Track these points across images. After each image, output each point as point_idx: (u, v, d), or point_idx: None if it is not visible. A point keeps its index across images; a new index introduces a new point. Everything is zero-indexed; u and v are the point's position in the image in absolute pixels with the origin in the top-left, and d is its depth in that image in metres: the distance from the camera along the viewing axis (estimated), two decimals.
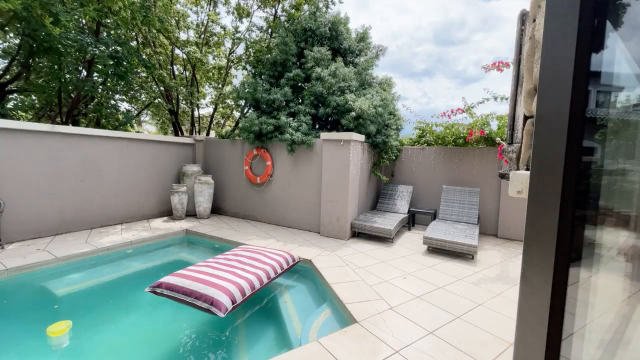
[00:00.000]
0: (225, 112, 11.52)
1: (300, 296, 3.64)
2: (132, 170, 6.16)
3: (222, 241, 5.13)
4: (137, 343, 2.69)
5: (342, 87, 5.86)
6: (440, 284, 3.54)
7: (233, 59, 9.35)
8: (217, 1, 9.02)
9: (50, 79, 6.49)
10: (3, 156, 4.41)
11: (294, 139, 5.51)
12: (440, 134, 6.50)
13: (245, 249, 3.66)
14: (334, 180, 5.33)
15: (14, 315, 3.10)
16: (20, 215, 4.60)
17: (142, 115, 13.71)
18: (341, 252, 4.56)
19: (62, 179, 5.10)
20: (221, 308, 2.30)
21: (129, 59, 6.67)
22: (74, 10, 5.51)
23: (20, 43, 6.07)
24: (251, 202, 6.64)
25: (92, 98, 7.54)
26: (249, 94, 6.39)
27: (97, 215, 5.59)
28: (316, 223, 5.71)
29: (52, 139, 4.95)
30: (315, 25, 6.69)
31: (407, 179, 6.89)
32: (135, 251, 4.77)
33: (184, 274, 2.73)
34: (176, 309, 2.94)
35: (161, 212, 6.75)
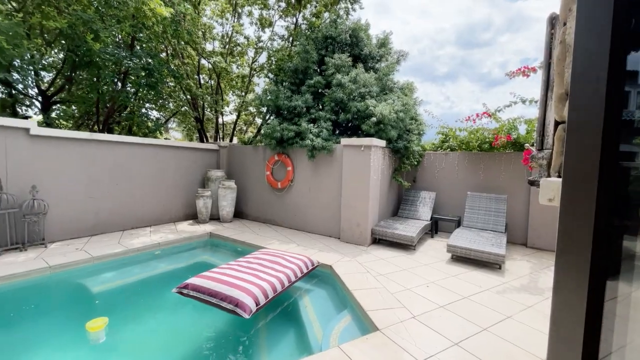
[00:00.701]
0: (247, 119, 11.85)
1: (321, 301, 3.64)
2: (160, 175, 6.47)
3: (244, 245, 5.25)
4: (165, 341, 2.80)
5: (363, 93, 5.87)
6: (465, 293, 3.42)
7: (255, 68, 9.64)
8: (241, 13, 9.36)
9: (90, 91, 6.99)
10: (48, 161, 4.79)
11: (314, 144, 5.57)
12: (465, 139, 6.32)
13: (265, 253, 3.72)
14: (354, 186, 5.31)
15: (56, 309, 3.33)
16: (62, 216, 4.96)
17: (169, 122, 14.40)
18: (362, 259, 4.53)
19: (99, 183, 5.45)
20: (246, 309, 2.36)
21: (160, 70, 7.07)
22: (112, 26, 5.93)
23: (64, 58, 6.61)
24: (272, 206, 6.76)
25: (125, 107, 8.03)
26: (271, 101, 6.55)
27: (128, 218, 5.91)
28: (336, 228, 5.71)
29: (90, 145, 5.31)
30: (336, 33, 6.78)
31: (429, 184, 6.74)
32: (163, 252, 4.98)
33: (209, 275, 2.82)
34: (200, 310, 3.04)
35: (187, 216, 7.02)
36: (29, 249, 4.43)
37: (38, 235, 4.58)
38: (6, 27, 4.60)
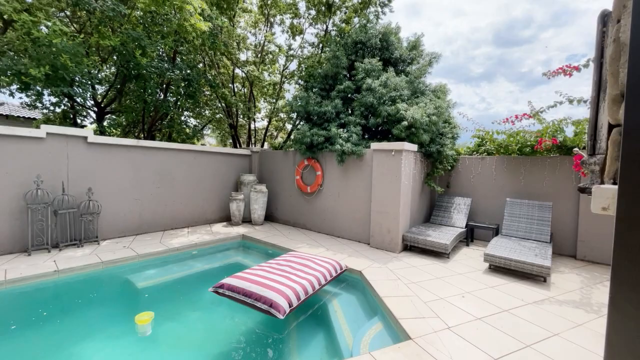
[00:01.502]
0: (278, 125, 12.18)
1: (350, 306, 3.63)
2: (197, 179, 6.85)
3: (275, 247, 5.38)
4: (202, 337, 2.95)
5: (394, 97, 5.80)
6: (505, 306, 3.22)
7: (286, 75, 9.90)
8: (273, 22, 9.71)
9: (137, 101, 7.61)
10: (101, 166, 5.29)
11: (344, 149, 5.59)
12: (503, 142, 5.98)
13: (294, 255, 3.79)
14: (384, 191, 5.24)
15: (108, 301, 3.64)
16: (112, 216, 5.42)
17: (205, 129, 15.22)
18: (392, 265, 4.44)
19: (143, 186, 5.90)
20: (280, 310, 2.42)
21: (198, 80, 7.53)
22: (157, 42, 6.44)
23: (116, 72, 7.28)
24: (302, 210, 6.86)
25: (167, 115, 8.63)
26: (301, 107, 6.69)
27: (168, 219, 6.32)
28: (366, 234, 5.65)
29: (136, 151, 5.78)
30: (366, 38, 6.78)
31: (464, 190, 6.45)
32: (199, 252, 5.25)
33: (243, 276, 2.94)
34: (234, 309, 3.16)
35: (221, 218, 7.35)
36: (84, 245, 4.90)
37: (92, 233, 5.06)
38: (70, 47, 5.18)
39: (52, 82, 5.46)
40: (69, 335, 2.85)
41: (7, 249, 4.35)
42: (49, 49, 5.15)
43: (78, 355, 2.56)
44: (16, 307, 3.32)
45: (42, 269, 3.79)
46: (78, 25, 7.15)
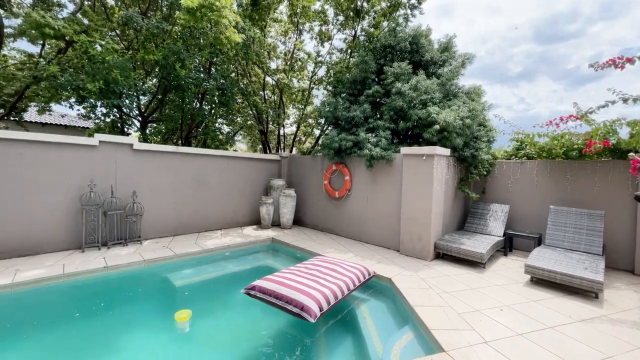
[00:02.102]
0: (306, 130, 12.36)
1: (380, 314, 3.56)
2: (229, 183, 7.13)
3: (303, 251, 5.43)
4: (234, 337, 3.05)
5: (424, 100, 5.66)
6: (549, 323, 2.98)
7: (315, 81, 10.05)
8: (302, 30, 9.93)
9: (176, 110, 8.13)
10: (144, 171, 5.69)
11: (372, 154, 5.54)
12: (545, 146, 5.59)
13: (322, 260, 3.80)
14: (415, 197, 5.11)
15: (149, 297, 3.89)
16: (153, 218, 5.81)
17: (237, 135, 15.84)
18: (424, 274, 4.29)
19: (181, 190, 6.26)
20: (311, 314, 2.45)
21: (231, 89, 7.88)
22: (195, 54, 6.86)
23: (158, 84, 7.84)
24: (330, 215, 6.87)
25: (202, 123, 9.11)
26: (329, 113, 6.75)
27: (203, 221, 6.63)
28: (395, 241, 5.53)
29: (174, 157, 6.15)
30: (395, 41, 6.71)
31: (501, 196, 6.10)
32: (232, 254, 5.45)
33: (274, 279, 3.00)
34: (264, 311, 3.22)
35: (252, 221, 7.57)
36: (129, 244, 5.29)
37: (136, 233, 5.44)
38: (120, 63, 5.69)
39: (104, 95, 6.01)
40: (115, 326, 3.08)
41: (65, 246, 4.81)
42: (103, 65, 5.68)
43: (122, 345, 2.76)
44: (72, 299, 3.66)
45: (93, 265, 4.15)
46: (126, 42, 7.82)
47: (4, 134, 4.25)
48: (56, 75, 5.98)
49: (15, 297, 3.42)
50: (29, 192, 4.48)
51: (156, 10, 7.73)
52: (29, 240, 4.49)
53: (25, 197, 4.45)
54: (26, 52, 8.18)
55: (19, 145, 4.38)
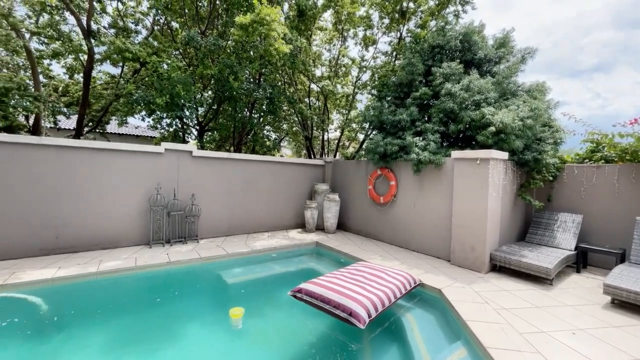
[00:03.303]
0: (350, 135, 12.37)
1: (428, 326, 3.39)
2: (276, 188, 7.43)
3: (347, 256, 5.41)
4: (281, 337, 3.15)
5: (478, 101, 5.31)
6: (636, 354, 2.55)
7: (359, 86, 10.04)
8: (346, 36, 10.02)
9: (229, 119, 8.76)
10: (201, 176, 6.21)
11: (420, 158, 5.33)
12: (630, 147, 4.83)
13: (366, 266, 3.74)
14: (467, 204, 4.78)
15: (203, 293, 4.21)
16: (208, 219, 6.29)
17: (282, 141, 16.47)
18: (478, 287, 3.98)
19: (232, 193, 6.69)
20: (360, 320, 2.43)
21: (278, 97, 8.25)
22: (246, 67, 7.34)
23: (213, 96, 8.54)
24: (374, 221, 6.75)
25: (251, 130, 9.66)
26: (374, 117, 6.68)
27: (251, 223, 7.00)
28: (445, 250, 5.22)
29: (227, 163, 6.61)
30: (444, 41, 6.42)
31: (572, 205, 5.40)
32: (278, 256, 5.65)
33: (319, 282, 3.04)
34: (309, 313, 3.27)
35: (296, 224, 7.78)
36: (188, 242, 5.80)
37: (193, 233, 5.95)
38: (183, 79, 6.34)
39: (169, 107, 6.74)
40: (175, 316, 3.39)
41: (136, 241, 5.46)
42: (169, 82, 6.39)
43: (181, 334, 3.03)
44: (141, 288, 4.13)
45: (158, 260, 4.63)
46: (188, 59, 8.69)
47: (93, 144, 5.00)
48: (132, 92, 6.88)
49: (98, 284, 3.96)
50: (110, 193, 5.19)
51: (213, 29, 8.47)
52: (109, 236, 5.19)
53: (106, 198, 5.15)
54: (109, 73, 9.55)
55: (104, 153, 5.11)
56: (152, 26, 8.48)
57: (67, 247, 4.80)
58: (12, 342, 2.71)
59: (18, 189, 4.44)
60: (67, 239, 4.81)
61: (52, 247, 4.69)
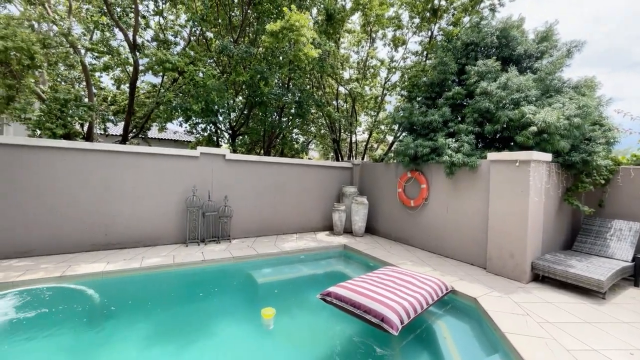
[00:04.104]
0: (378, 137, 12.20)
1: (463, 336, 3.23)
2: (304, 190, 7.52)
3: (376, 260, 5.33)
4: (310, 339, 3.18)
5: (516, 99, 5.00)
6: None
7: (388, 87, 9.89)
8: (375, 38, 9.93)
9: (259, 124, 9.03)
10: (233, 178, 6.46)
11: (453, 160, 5.13)
12: None
13: (395, 271, 3.65)
14: (506, 208, 4.51)
15: (235, 290, 4.37)
16: (240, 220, 6.52)
17: (310, 143, 16.64)
18: (518, 297, 3.73)
19: (262, 195, 6.88)
20: (392, 326, 2.39)
21: (307, 101, 8.36)
22: (276, 72, 7.54)
23: (245, 101, 8.86)
24: (404, 225, 6.59)
25: (280, 133, 9.87)
26: (404, 118, 6.54)
27: (280, 225, 7.13)
28: (481, 256, 4.96)
29: (258, 166, 6.81)
30: (479, 38, 6.13)
31: (628, 211, 4.89)
32: (306, 257, 5.71)
33: (349, 286, 3.02)
34: (337, 316, 3.26)
35: (324, 227, 7.80)
36: (221, 241, 6.05)
37: (226, 233, 6.19)
38: (217, 86, 6.66)
39: (205, 113, 7.10)
40: (209, 312, 3.55)
41: (174, 240, 5.79)
42: (204, 89, 6.74)
43: (214, 330, 3.17)
44: (178, 284, 4.38)
45: (194, 258, 4.88)
46: (221, 67, 9.10)
47: (138, 149, 5.40)
48: (171, 100, 7.35)
49: (141, 279, 4.26)
50: (152, 194, 5.56)
51: (244, 37, 8.80)
52: (150, 234, 5.56)
53: (149, 198, 5.53)
54: (151, 83, 10.27)
55: (147, 157, 5.50)
56: (189, 37, 9.00)
57: (114, 243, 5.22)
58: (71, 327, 2.99)
59: (75, 190, 4.92)
60: (114, 236, 5.23)
61: (101, 244, 5.12)
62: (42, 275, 3.84)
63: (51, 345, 2.74)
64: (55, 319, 3.11)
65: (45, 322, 3.05)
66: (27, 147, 4.60)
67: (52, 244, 4.77)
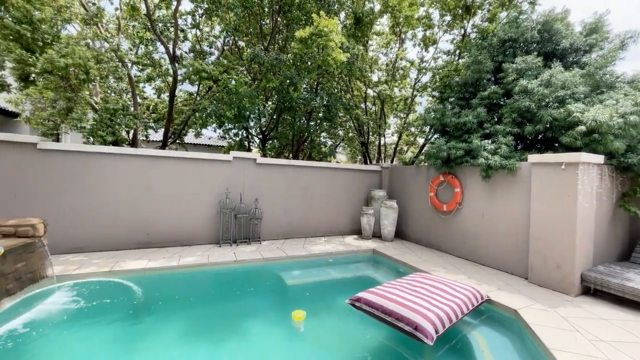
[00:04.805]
0: (407, 140, 11.93)
1: (502, 350, 3.04)
2: (333, 193, 7.53)
3: (407, 266, 5.18)
4: (340, 344, 3.16)
5: (561, 97, 4.65)
6: None
7: (418, 88, 9.64)
8: (404, 38, 9.75)
9: (288, 128, 9.21)
10: (264, 181, 6.63)
11: (489, 163, 4.87)
12: None
13: (427, 277, 3.52)
14: (551, 215, 4.19)
15: (265, 291, 4.46)
16: (269, 222, 6.67)
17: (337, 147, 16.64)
18: (565, 311, 3.44)
19: (291, 198, 6.99)
20: (427, 335, 2.31)
21: (335, 105, 8.40)
22: (304, 77, 7.66)
23: (275, 106, 9.10)
24: (436, 230, 6.35)
25: (308, 137, 9.99)
26: (435, 120, 6.33)
27: (308, 228, 7.19)
28: (521, 265, 4.64)
29: (287, 170, 6.94)
30: (518, 33, 5.80)
31: None
32: (334, 261, 5.70)
33: (379, 292, 2.97)
34: (366, 322, 3.21)
35: (352, 231, 7.75)
36: (251, 243, 6.23)
37: (256, 234, 6.37)
38: (249, 92, 6.92)
39: (237, 119, 7.39)
40: (240, 311, 3.66)
41: (208, 240, 6.06)
42: (236, 96, 7.02)
43: (245, 329, 3.26)
44: (212, 283, 4.57)
45: (227, 258, 5.07)
46: (252, 74, 9.44)
47: (177, 154, 5.76)
48: (206, 107, 7.74)
49: (178, 276, 4.51)
50: (189, 197, 5.88)
51: (274, 44, 9.06)
52: (187, 234, 5.87)
53: (186, 200, 5.85)
54: (188, 91, 10.91)
55: (184, 162, 5.84)
56: (222, 47, 9.45)
57: (155, 242, 5.58)
58: (118, 317, 3.25)
59: (121, 192, 5.34)
60: (154, 236, 5.59)
61: (143, 242, 5.50)
62: (94, 269, 4.21)
63: (103, 332, 2.98)
64: (105, 310, 3.38)
65: (97, 311, 3.33)
66: (84, 154, 5.08)
67: (102, 241, 5.20)
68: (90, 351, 2.73)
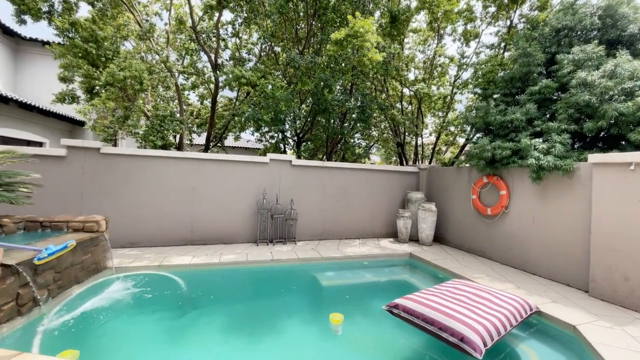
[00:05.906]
0: (447, 140, 11.39)
1: None
2: (368, 195, 7.43)
3: (446, 272, 4.94)
4: (377, 349, 3.10)
5: (629, 89, 4.13)
6: None
7: (458, 85, 9.18)
8: (442, 34, 9.34)
9: (323, 130, 9.28)
10: (299, 183, 6.75)
11: (541, 164, 4.47)
12: None
13: (468, 285, 3.31)
14: (617, 221, 3.74)
15: (301, 291, 4.53)
16: (304, 223, 6.77)
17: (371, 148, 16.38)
18: (635, 330, 3.04)
19: (326, 199, 7.03)
20: (475, 348, 2.19)
21: (370, 105, 8.29)
22: (339, 78, 7.68)
23: (309, 109, 9.23)
24: (479, 235, 5.98)
25: (342, 139, 9.97)
26: (478, 118, 5.98)
27: (343, 229, 7.17)
28: (580, 276, 4.20)
29: (322, 171, 6.99)
30: (575, 20, 5.28)
31: None
32: (370, 264, 5.61)
33: (418, 299, 2.85)
34: (403, 328, 3.11)
35: (388, 234, 7.58)
36: (287, 243, 6.37)
37: (292, 235, 6.50)
38: (285, 96, 7.09)
39: (274, 122, 7.62)
40: (277, 310, 3.75)
41: (246, 239, 6.31)
42: (273, 100, 7.24)
43: (282, 329, 3.33)
44: (251, 280, 4.75)
45: (264, 257, 5.23)
46: (288, 78, 9.67)
47: (218, 157, 6.09)
48: (244, 112, 8.09)
49: (219, 272, 4.75)
50: (229, 197, 6.18)
51: (309, 48, 9.20)
52: (228, 232, 6.17)
53: (227, 200, 6.16)
54: (227, 97, 11.49)
55: (225, 164, 6.15)
56: (259, 53, 9.82)
57: (199, 239, 5.95)
58: (166, 308, 3.51)
59: (170, 192, 5.77)
60: (198, 233, 5.95)
61: (188, 239, 5.88)
62: (146, 263, 4.60)
63: (154, 321, 3.24)
64: (156, 300, 3.68)
65: (149, 302, 3.64)
66: (138, 157, 5.59)
67: (152, 237, 5.66)
68: (144, 335, 2.98)
